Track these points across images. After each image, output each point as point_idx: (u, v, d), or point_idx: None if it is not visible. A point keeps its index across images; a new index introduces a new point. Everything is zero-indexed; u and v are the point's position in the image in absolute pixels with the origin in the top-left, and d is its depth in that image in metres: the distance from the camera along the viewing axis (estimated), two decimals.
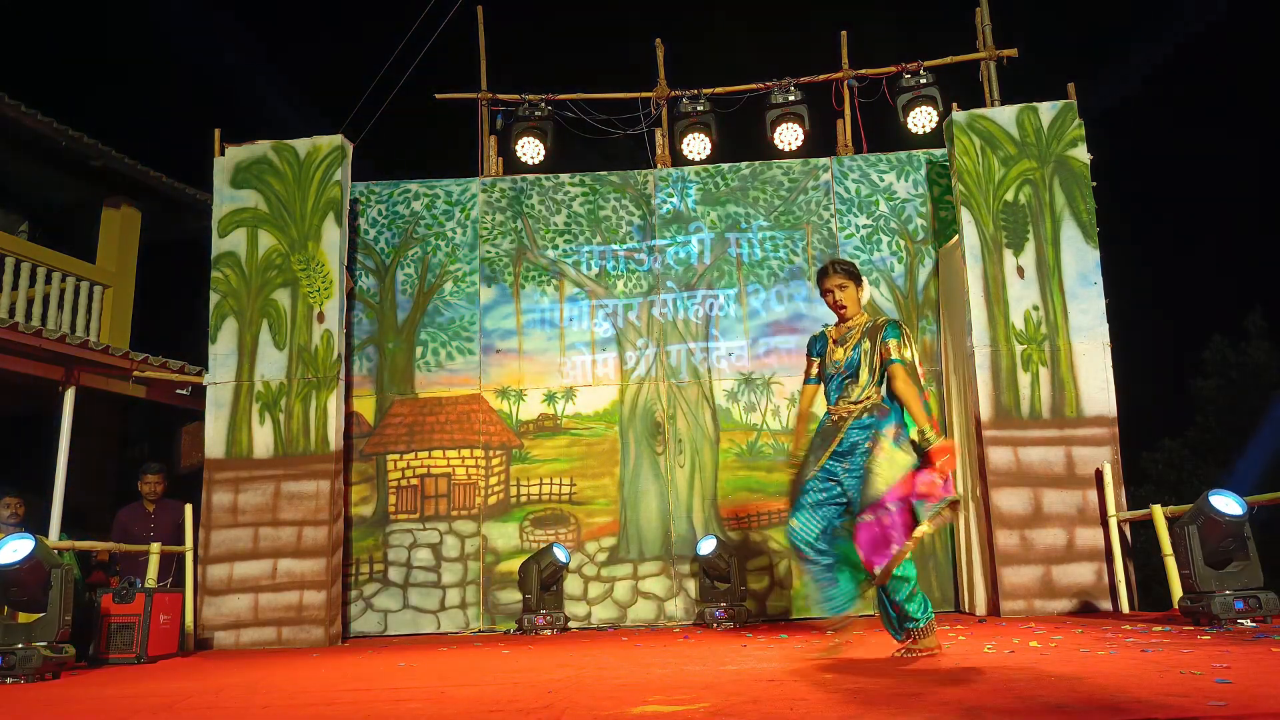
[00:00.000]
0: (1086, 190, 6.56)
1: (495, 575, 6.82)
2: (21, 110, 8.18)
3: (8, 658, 4.12)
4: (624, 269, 7.33)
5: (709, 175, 7.47)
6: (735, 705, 2.49)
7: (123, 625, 5.19)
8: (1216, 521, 4.49)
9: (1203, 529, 4.54)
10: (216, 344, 6.57)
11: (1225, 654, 3.22)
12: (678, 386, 7.10)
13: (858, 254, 7.22)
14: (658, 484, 6.96)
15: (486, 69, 7.77)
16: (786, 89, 7.71)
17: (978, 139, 6.65)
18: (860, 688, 2.75)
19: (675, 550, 6.83)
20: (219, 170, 6.85)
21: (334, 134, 6.90)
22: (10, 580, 4.34)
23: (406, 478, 6.99)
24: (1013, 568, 6.01)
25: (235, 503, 6.33)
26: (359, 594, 6.78)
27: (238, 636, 6.12)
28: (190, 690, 3.57)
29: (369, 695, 3.14)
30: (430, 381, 7.15)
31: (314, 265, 6.66)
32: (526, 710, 2.56)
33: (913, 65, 7.63)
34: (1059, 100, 6.74)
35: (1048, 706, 2.26)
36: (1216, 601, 4.37)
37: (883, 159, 7.40)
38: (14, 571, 4.32)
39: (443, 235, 7.35)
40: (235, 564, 6.23)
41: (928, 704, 2.36)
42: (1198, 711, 2.10)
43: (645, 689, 2.95)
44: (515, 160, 7.67)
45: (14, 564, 4.31)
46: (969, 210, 6.54)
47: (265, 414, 6.45)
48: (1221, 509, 4.48)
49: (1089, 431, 6.18)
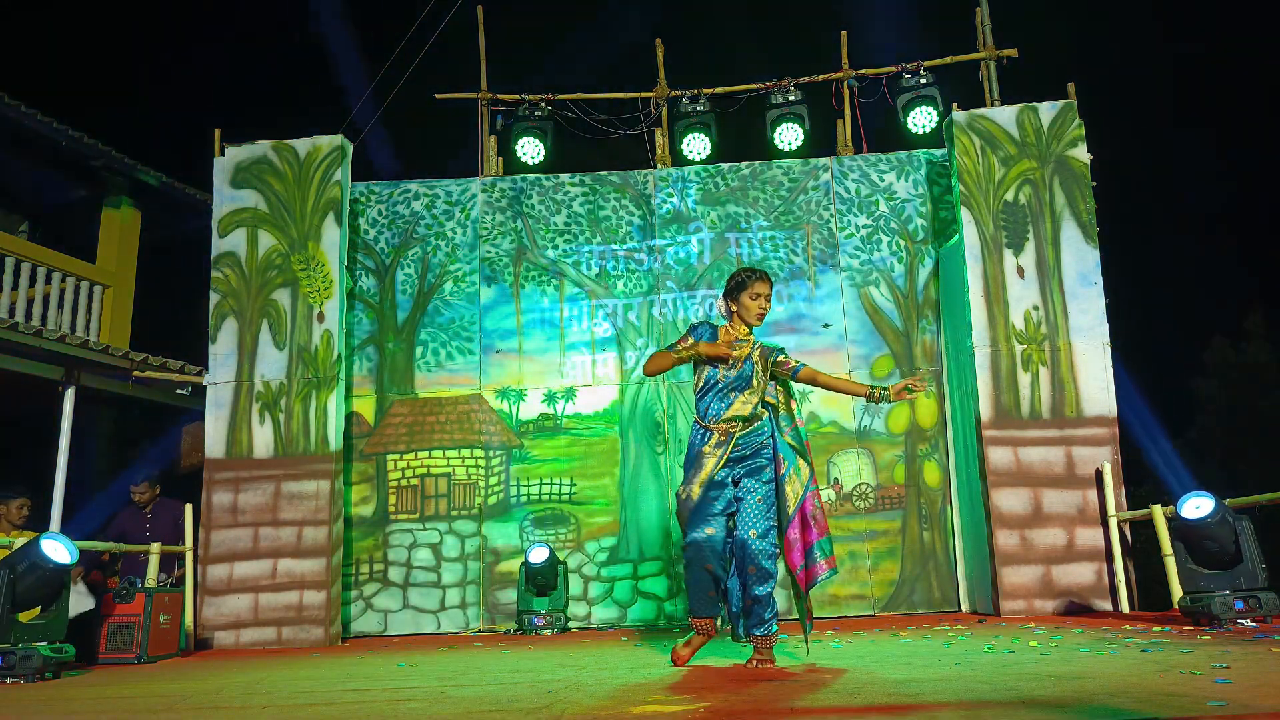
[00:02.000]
0: (1086, 190, 6.56)
1: (495, 575, 6.82)
2: (21, 110, 8.18)
3: (8, 658, 4.12)
4: (624, 269, 7.33)
5: (709, 175, 7.47)
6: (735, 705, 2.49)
7: (123, 625, 5.20)
8: (1188, 526, 4.55)
9: (1181, 534, 4.63)
10: (216, 344, 6.57)
11: (1225, 654, 3.22)
12: (678, 386, 7.10)
13: (858, 254, 7.22)
14: (658, 484, 6.96)
15: (486, 69, 7.77)
16: (786, 89, 7.71)
17: (978, 139, 6.65)
18: (860, 688, 2.75)
19: (675, 550, 6.83)
20: (219, 170, 6.85)
21: (334, 134, 6.91)
22: (52, 579, 4.42)
23: (406, 478, 6.99)
24: (1013, 568, 6.01)
25: (235, 503, 6.33)
26: (359, 594, 6.78)
27: (238, 636, 6.12)
28: (190, 690, 3.57)
29: (369, 695, 3.14)
30: (430, 381, 7.15)
31: (314, 265, 6.66)
32: (526, 710, 2.56)
33: (913, 65, 7.64)
34: (1059, 100, 6.74)
35: (1048, 706, 2.26)
36: (1216, 601, 4.38)
37: (883, 159, 7.40)
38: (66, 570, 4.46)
39: (443, 235, 7.36)
40: (235, 564, 6.24)
41: (927, 704, 2.36)
42: (1198, 711, 2.10)
43: (645, 689, 2.95)
44: (515, 160, 7.68)
45: (68, 564, 4.44)
46: (969, 210, 6.54)
47: (265, 414, 6.45)
48: (1187, 516, 4.54)
49: (1089, 431, 6.18)
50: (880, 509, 6.86)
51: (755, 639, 3.60)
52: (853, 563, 6.75)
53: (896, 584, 6.71)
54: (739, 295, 3.88)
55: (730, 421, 3.70)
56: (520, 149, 7.67)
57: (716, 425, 3.71)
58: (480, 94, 7.73)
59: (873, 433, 6.98)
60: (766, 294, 3.87)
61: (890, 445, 6.96)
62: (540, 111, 7.66)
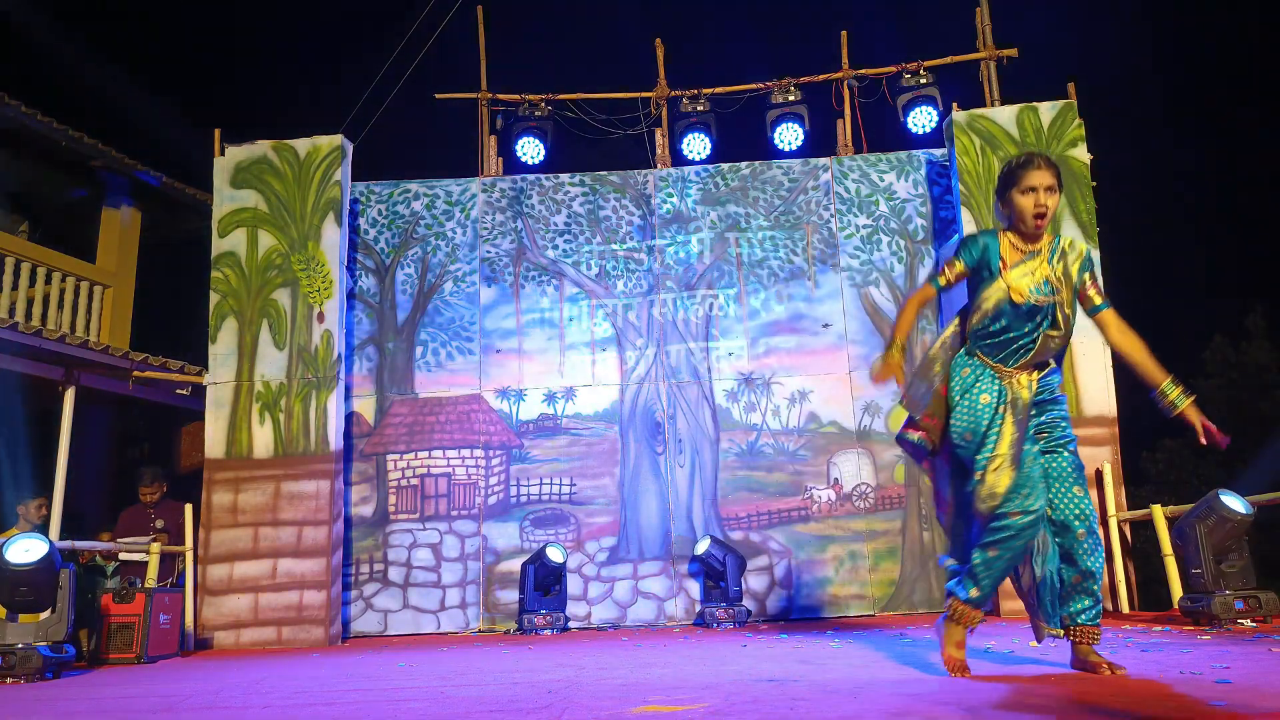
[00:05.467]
0: (1086, 190, 6.56)
1: (495, 575, 6.82)
2: (21, 110, 8.18)
3: (8, 658, 4.12)
4: (624, 269, 7.33)
5: (709, 175, 7.46)
6: (735, 705, 2.49)
7: (123, 625, 5.20)
8: (1226, 519, 4.51)
9: (1212, 527, 4.56)
10: (216, 344, 6.58)
11: (1225, 654, 3.22)
12: (678, 386, 7.10)
13: (858, 254, 7.22)
14: (658, 484, 6.96)
15: (486, 69, 7.77)
16: (786, 89, 7.71)
17: (978, 139, 6.65)
18: (860, 688, 2.75)
19: (675, 550, 6.83)
20: (219, 170, 6.85)
21: (334, 134, 6.91)
22: (21, 580, 4.35)
23: (406, 478, 6.99)
24: None
25: (235, 503, 6.33)
26: (359, 594, 6.78)
27: (238, 636, 6.12)
28: (190, 690, 3.57)
29: (369, 695, 3.14)
30: (430, 381, 7.15)
31: (314, 265, 6.66)
32: (526, 710, 2.56)
33: (913, 65, 7.63)
34: (1059, 100, 6.74)
35: (1048, 706, 2.26)
36: (1216, 601, 4.38)
37: (883, 159, 7.40)
38: (27, 572, 4.33)
39: (443, 235, 7.35)
40: (235, 564, 6.24)
41: (927, 703, 2.36)
42: (1198, 711, 2.10)
43: (645, 689, 2.95)
44: (515, 160, 7.68)
45: (28, 565, 4.32)
46: (969, 210, 6.54)
47: (265, 414, 6.45)
48: (1233, 508, 4.51)
49: (1089, 431, 6.18)
50: (880, 509, 6.86)
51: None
52: (852, 563, 6.76)
53: (896, 584, 6.71)
54: (1008, 195, 2.97)
55: (1023, 371, 2.97)
56: (520, 149, 7.67)
57: (1003, 370, 2.96)
58: (480, 94, 7.72)
59: (873, 433, 6.98)
60: (1046, 184, 2.89)
61: (890, 445, 6.95)
62: (540, 111, 7.66)
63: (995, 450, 2.85)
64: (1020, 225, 2.96)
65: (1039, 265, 2.94)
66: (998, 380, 2.94)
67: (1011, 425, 2.87)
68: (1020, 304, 2.90)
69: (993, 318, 2.94)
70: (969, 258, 3.00)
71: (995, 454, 2.85)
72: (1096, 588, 2.91)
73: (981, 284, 2.98)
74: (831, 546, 6.80)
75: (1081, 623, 2.89)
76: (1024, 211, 2.92)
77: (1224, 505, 4.53)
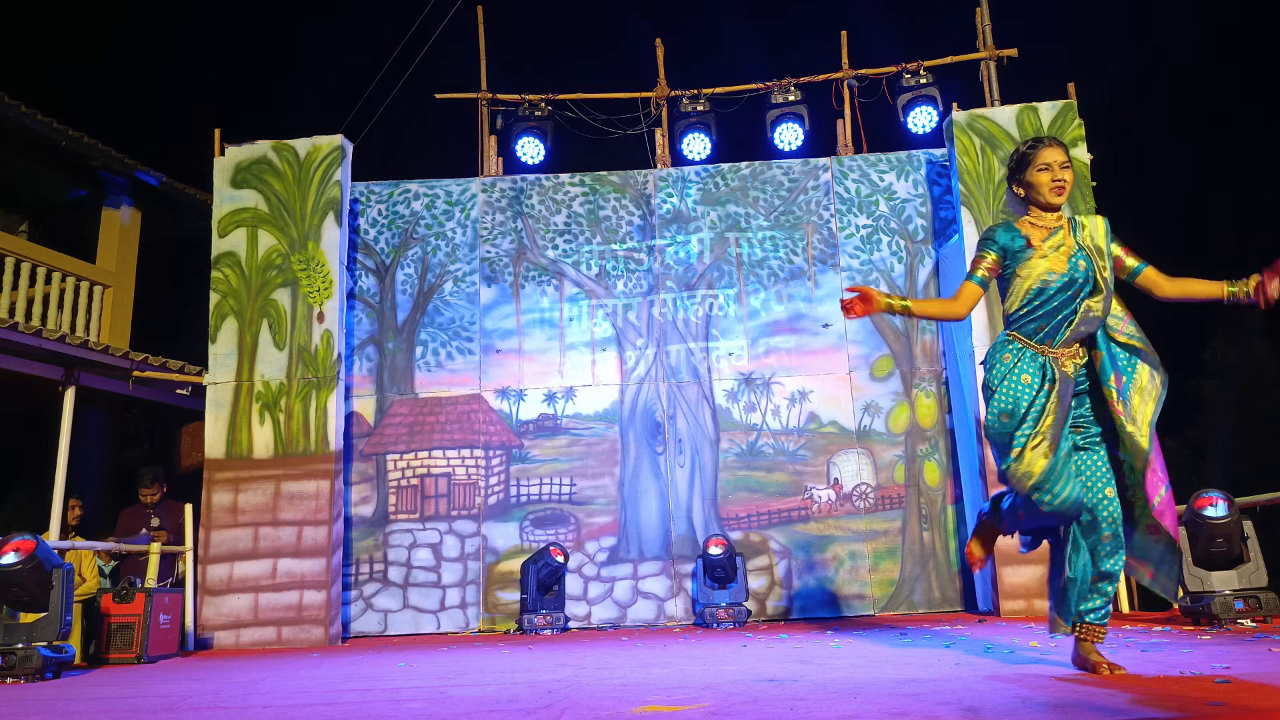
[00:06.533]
0: (1086, 190, 6.56)
1: (495, 575, 6.82)
2: (21, 110, 8.18)
3: (8, 658, 4.13)
4: (624, 269, 7.33)
5: (709, 175, 7.47)
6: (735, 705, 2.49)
7: (123, 625, 5.20)
8: (1202, 524, 4.54)
9: (1191, 531, 4.61)
10: (216, 344, 6.58)
11: (1225, 654, 3.22)
12: (678, 386, 7.10)
13: (858, 254, 7.22)
14: (658, 484, 6.96)
15: (486, 69, 7.77)
16: (786, 89, 7.71)
17: (978, 139, 6.66)
18: (859, 688, 2.75)
19: (675, 550, 6.83)
20: (219, 170, 6.86)
21: (334, 134, 6.91)
22: (11, 580, 4.34)
23: (406, 478, 6.99)
24: (1013, 568, 6.01)
25: (235, 503, 6.33)
26: (359, 594, 6.78)
27: (238, 636, 6.12)
28: (190, 690, 3.57)
29: (369, 695, 3.14)
30: (430, 381, 7.15)
31: (314, 265, 6.66)
32: (526, 710, 2.56)
33: (913, 65, 7.63)
34: (1059, 100, 6.74)
35: (1048, 706, 2.26)
36: (1216, 601, 4.39)
37: (883, 159, 7.40)
38: (15, 572, 4.32)
39: (443, 235, 7.36)
40: (235, 564, 6.24)
41: (927, 703, 2.36)
42: (1198, 711, 2.10)
43: (645, 689, 2.95)
44: (515, 160, 7.68)
45: (13, 565, 4.31)
46: (969, 210, 6.54)
47: (265, 414, 6.45)
48: (1205, 512, 4.54)
49: None
50: (880, 509, 6.86)
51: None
52: (852, 563, 6.76)
53: (896, 584, 6.71)
54: (1023, 176, 3.05)
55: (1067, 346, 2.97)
56: (520, 149, 7.67)
57: (1046, 349, 2.95)
58: (480, 94, 7.73)
59: (873, 433, 6.98)
60: (1060, 160, 2.98)
61: (890, 445, 6.96)
62: (540, 111, 7.66)
63: (1038, 427, 2.83)
64: (1037, 198, 3.02)
65: (1065, 237, 2.99)
66: (1039, 359, 2.94)
67: (1055, 404, 2.86)
68: (1059, 274, 2.92)
69: (1035, 294, 2.95)
70: (995, 247, 3.03)
71: (1037, 430, 2.83)
72: (1111, 589, 2.92)
73: (1013, 268, 3.00)
74: (831, 546, 6.80)
75: (1089, 621, 2.91)
76: (1041, 185, 2.99)
77: (1199, 511, 4.59)
